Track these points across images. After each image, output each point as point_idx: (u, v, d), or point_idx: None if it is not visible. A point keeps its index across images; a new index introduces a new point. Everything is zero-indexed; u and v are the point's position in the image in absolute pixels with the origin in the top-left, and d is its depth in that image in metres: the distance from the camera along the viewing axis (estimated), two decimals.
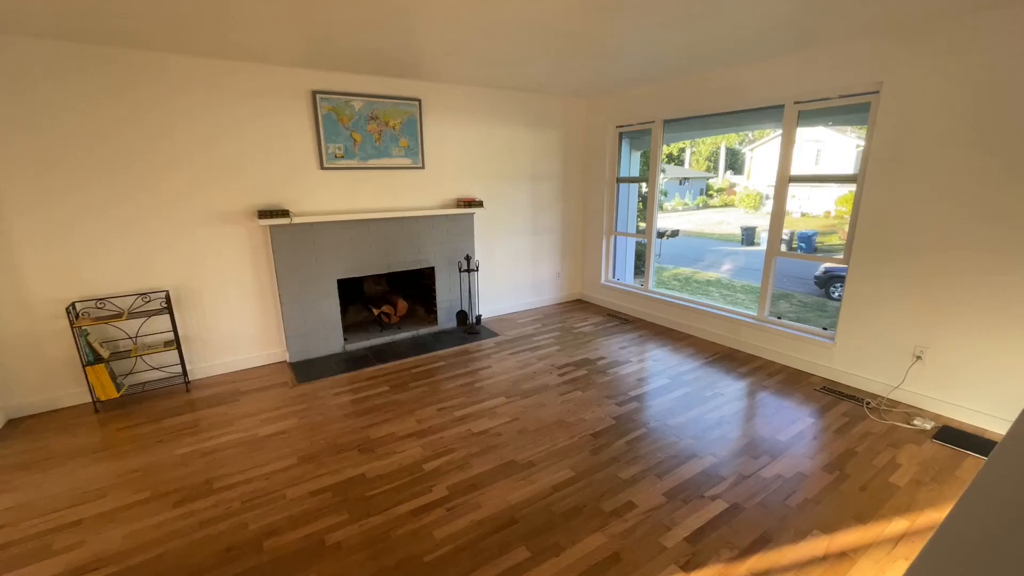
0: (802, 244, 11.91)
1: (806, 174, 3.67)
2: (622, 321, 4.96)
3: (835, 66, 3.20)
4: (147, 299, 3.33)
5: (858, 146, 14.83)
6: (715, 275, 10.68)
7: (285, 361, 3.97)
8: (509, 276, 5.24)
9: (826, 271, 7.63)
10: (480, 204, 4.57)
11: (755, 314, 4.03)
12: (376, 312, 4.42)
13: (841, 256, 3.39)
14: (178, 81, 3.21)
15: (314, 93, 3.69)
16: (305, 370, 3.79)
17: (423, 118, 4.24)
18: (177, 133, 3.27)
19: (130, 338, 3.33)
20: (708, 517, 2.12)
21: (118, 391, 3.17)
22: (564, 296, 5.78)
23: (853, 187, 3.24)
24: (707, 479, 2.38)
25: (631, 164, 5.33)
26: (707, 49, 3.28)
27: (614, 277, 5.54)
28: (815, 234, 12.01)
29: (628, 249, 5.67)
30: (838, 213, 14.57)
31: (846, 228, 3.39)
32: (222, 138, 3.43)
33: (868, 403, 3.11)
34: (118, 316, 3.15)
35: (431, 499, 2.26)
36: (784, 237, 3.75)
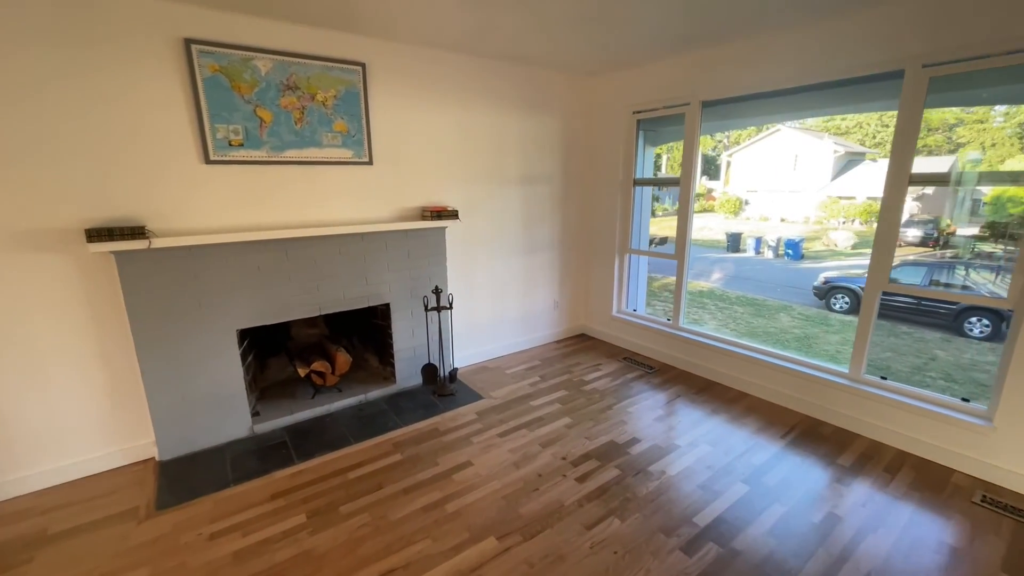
0: (789, 250, 11.60)
1: (932, 172, 2.55)
2: (646, 369, 3.73)
3: (996, 6, 2.07)
4: None
5: (835, 151, 14.19)
6: (707, 285, 9.79)
7: (153, 459, 2.58)
8: (494, 309, 3.94)
9: (826, 281, 7.24)
10: (454, 215, 3.28)
11: (846, 371, 2.85)
12: (304, 372, 3.06)
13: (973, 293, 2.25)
14: None
15: (187, 42, 2.33)
16: (179, 477, 2.40)
17: (368, 90, 2.93)
18: None
19: None
20: None
21: None
22: (564, 331, 4.52)
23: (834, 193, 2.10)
24: None
25: (644, 163, 4.14)
26: None
27: (628, 307, 4.32)
28: (802, 240, 11.78)
29: (641, 271, 4.47)
30: (817, 219, 14.08)
31: (828, 234, 2.25)
32: (15, 102, 2.05)
33: None
34: None
35: None
36: (771, 243, 2.63)
